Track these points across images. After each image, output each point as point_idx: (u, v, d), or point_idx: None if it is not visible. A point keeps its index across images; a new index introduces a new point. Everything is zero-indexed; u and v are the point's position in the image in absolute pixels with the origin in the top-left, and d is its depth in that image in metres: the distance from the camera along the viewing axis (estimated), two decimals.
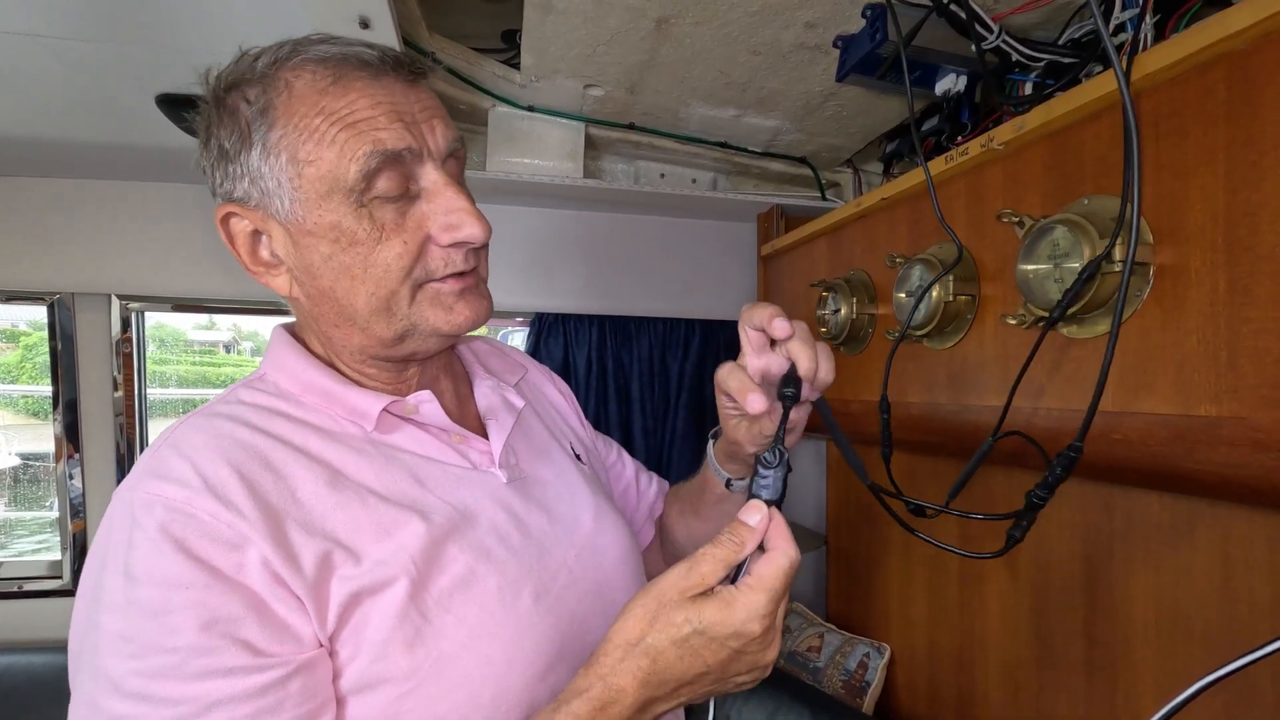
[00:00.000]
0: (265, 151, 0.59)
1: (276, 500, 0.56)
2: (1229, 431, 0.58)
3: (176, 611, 0.50)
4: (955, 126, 1.10)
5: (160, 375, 3.84)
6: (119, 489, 0.56)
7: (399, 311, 0.62)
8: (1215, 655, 0.74)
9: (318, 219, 0.59)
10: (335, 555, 0.56)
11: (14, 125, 1.24)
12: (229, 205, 0.62)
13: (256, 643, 0.51)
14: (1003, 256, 0.86)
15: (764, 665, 0.55)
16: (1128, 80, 0.56)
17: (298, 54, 0.59)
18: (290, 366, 0.66)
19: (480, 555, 0.62)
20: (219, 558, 0.52)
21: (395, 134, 0.58)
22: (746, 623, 0.51)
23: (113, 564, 0.52)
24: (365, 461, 0.62)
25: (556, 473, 0.76)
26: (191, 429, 0.59)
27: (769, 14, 0.99)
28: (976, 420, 0.91)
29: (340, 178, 0.57)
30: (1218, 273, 0.60)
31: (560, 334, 1.70)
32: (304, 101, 0.58)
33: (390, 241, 0.60)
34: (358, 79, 0.59)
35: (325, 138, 0.57)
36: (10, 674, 1.46)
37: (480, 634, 0.59)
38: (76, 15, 0.94)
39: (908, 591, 1.35)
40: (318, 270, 0.61)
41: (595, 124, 1.43)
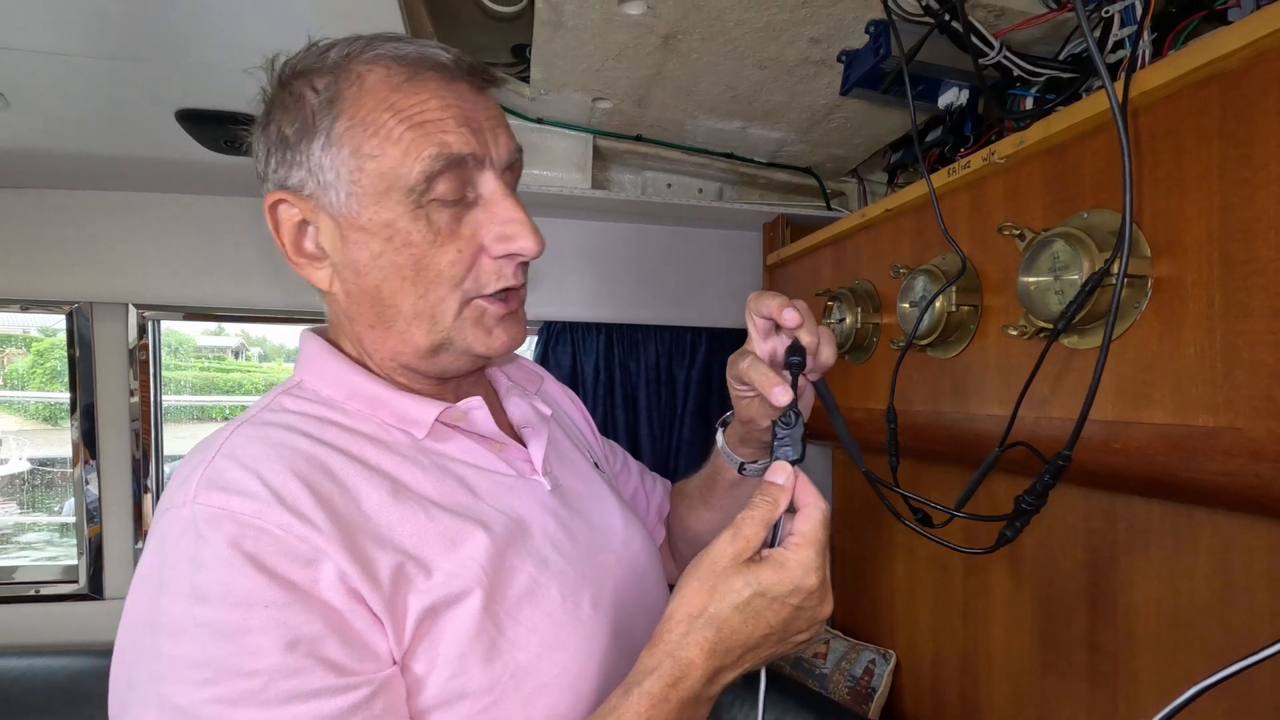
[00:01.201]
0: (328, 142, 0.57)
1: (345, 512, 0.54)
2: (1225, 442, 0.60)
3: (256, 632, 0.47)
4: (958, 139, 1.12)
5: (171, 382, 3.89)
6: (170, 504, 0.52)
7: (442, 322, 0.61)
8: (1216, 662, 0.75)
9: (372, 215, 0.58)
10: (408, 568, 0.54)
11: (39, 139, 1.28)
12: (281, 192, 0.60)
13: (341, 661, 0.49)
14: (1004, 268, 0.88)
15: (821, 619, 0.55)
16: (1124, 109, 0.58)
17: (372, 48, 0.58)
18: (332, 373, 0.64)
19: (540, 564, 0.61)
20: (295, 573, 0.49)
21: (462, 138, 0.57)
22: (803, 578, 0.52)
23: (174, 585, 0.49)
24: (420, 471, 0.60)
25: (584, 481, 0.76)
26: (245, 439, 0.56)
27: (774, 30, 1.01)
28: (979, 429, 0.92)
29: (401, 176, 0.56)
30: (1213, 286, 0.61)
31: (568, 342, 1.72)
32: (374, 96, 0.57)
33: (445, 247, 0.59)
34: (431, 79, 0.58)
35: (392, 135, 0.56)
36: (27, 677, 1.48)
37: (551, 643, 0.58)
38: (100, 34, 0.97)
39: (913, 598, 1.35)
40: (364, 268, 0.59)
41: (603, 136, 1.45)
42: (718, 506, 0.90)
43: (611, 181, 1.62)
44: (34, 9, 0.90)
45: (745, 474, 0.85)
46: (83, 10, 0.91)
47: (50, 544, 3.71)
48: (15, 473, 5.67)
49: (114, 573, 1.71)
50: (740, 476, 0.85)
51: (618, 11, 0.98)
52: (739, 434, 0.81)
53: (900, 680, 1.39)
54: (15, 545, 3.87)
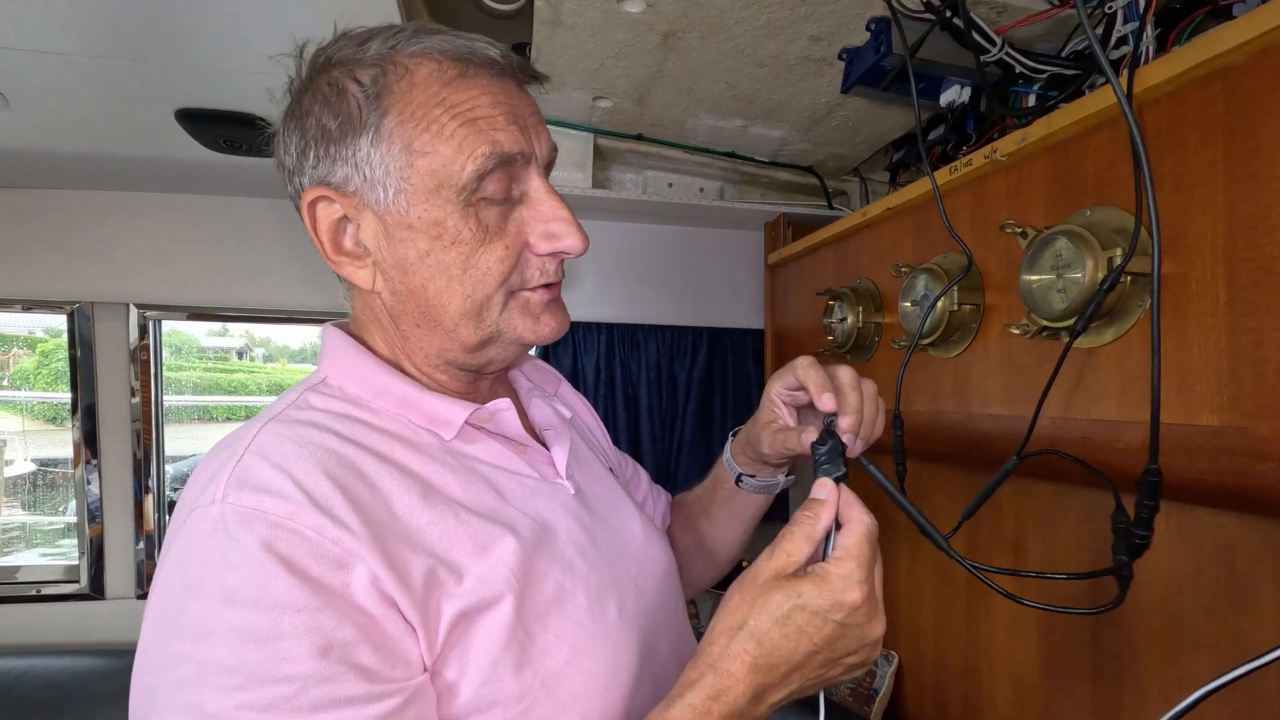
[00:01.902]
0: (377, 137, 0.56)
1: (377, 514, 0.52)
2: (1229, 441, 0.59)
3: (289, 637, 0.45)
4: (961, 136, 1.11)
5: (175, 382, 3.91)
6: (197, 503, 0.50)
7: (489, 317, 0.60)
8: (1222, 664, 0.74)
9: (421, 213, 0.57)
10: (439, 572, 0.53)
11: (39, 140, 1.28)
12: (322, 189, 0.58)
13: (373, 668, 0.48)
14: (1006, 266, 0.87)
15: (872, 641, 0.53)
16: (1130, 100, 0.57)
17: (417, 41, 0.57)
18: (358, 371, 0.62)
19: (565, 569, 0.60)
20: (329, 576, 0.48)
21: (512, 136, 0.57)
22: (844, 591, 0.51)
23: (201, 587, 0.47)
24: (449, 473, 0.59)
25: (603, 485, 0.75)
26: (274, 437, 0.54)
27: (774, 28, 1.01)
28: (983, 428, 0.92)
29: (453, 174, 0.56)
30: (1218, 284, 0.61)
31: (569, 341, 1.72)
32: (425, 91, 0.56)
33: (493, 245, 0.58)
34: (483, 74, 0.57)
35: (444, 131, 0.55)
36: (29, 677, 1.48)
37: (580, 651, 0.57)
38: (101, 34, 0.97)
39: (915, 599, 1.35)
40: (411, 266, 0.58)
41: (604, 135, 1.45)
42: (715, 516, 0.90)
43: (612, 181, 1.62)
44: (35, 9, 0.90)
45: (742, 486, 0.85)
46: (83, 10, 0.91)
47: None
48: (20, 474, 5.69)
49: (115, 573, 1.71)
50: (736, 488, 0.85)
51: (617, 10, 0.97)
52: (744, 444, 0.81)
53: (902, 682, 1.38)
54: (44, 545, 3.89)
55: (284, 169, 0.62)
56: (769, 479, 0.84)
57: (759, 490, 0.85)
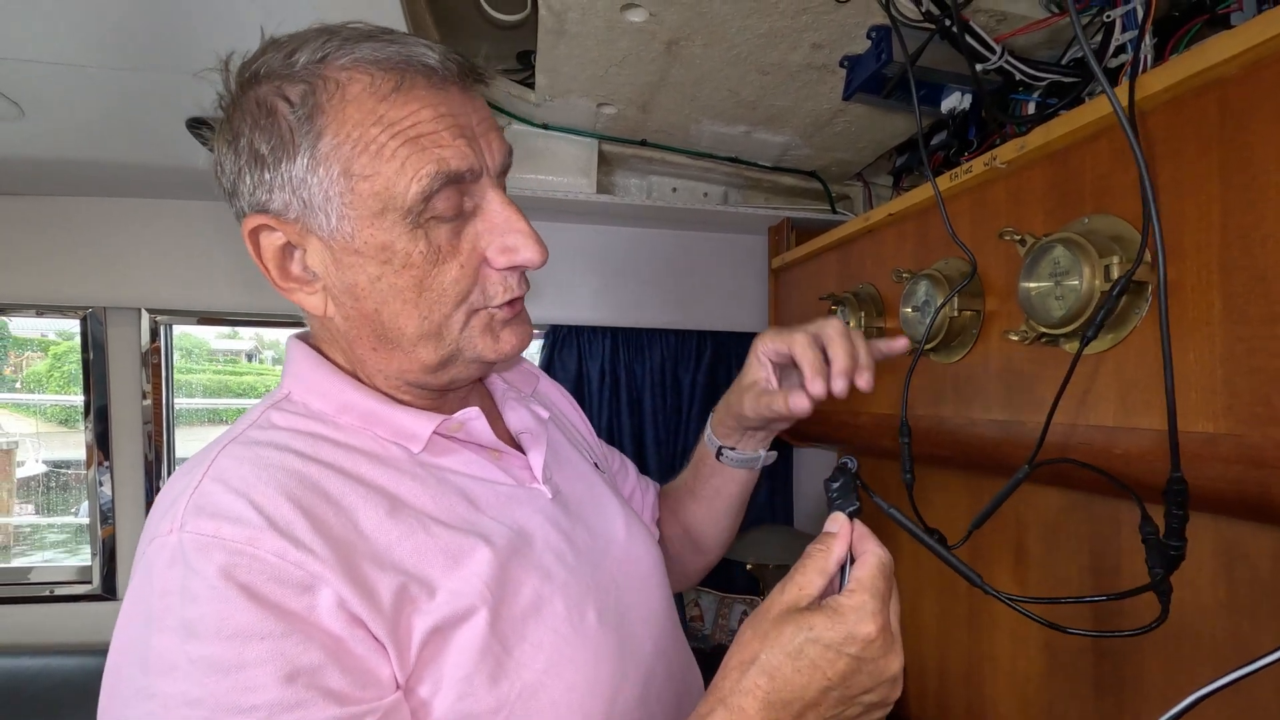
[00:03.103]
0: (313, 161, 0.53)
1: (342, 534, 0.51)
2: (1225, 448, 0.59)
3: (252, 666, 0.45)
4: (963, 143, 1.11)
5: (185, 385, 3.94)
6: (155, 533, 0.49)
7: (448, 337, 0.58)
8: (1222, 668, 0.75)
9: (368, 238, 0.54)
10: (410, 588, 0.52)
11: (53, 148, 1.30)
12: (261, 216, 0.55)
13: (343, 690, 0.47)
14: (1006, 273, 0.87)
15: (890, 678, 0.51)
16: (1131, 109, 0.58)
17: (347, 51, 0.53)
18: (321, 385, 0.60)
19: (543, 577, 0.59)
20: (292, 601, 0.47)
21: (459, 152, 0.53)
22: (858, 624, 0.49)
23: (162, 620, 0.46)
24: (419, 486, 0.58)
25: (586, 485, 0.74)
26: (233, 460, 0.52)
27: (776, 36, 1.02)
28: (983, 434, 0.92)
29: (397, 196, 0.52)
30: (1213, 292, 0.61)
31: (574, 346, 1.73)
32: (360, 108, 0.52)
33: (447, 265, 0.56)
34: (420, 85, 0.53)
35: (384, 152, 0.52)
36: (43, 676, 1.50)
37: (558, 660, 0.56)
38: (114, 45, 0.99)
39: (917, 603, 1.35)
40: (363, 292, 0.56)
41: (608, 141, 1.46)
42: (700, 496, 0.90)
43: (617, 186, 1.63)
44: (51, 21, 0.92)
45: (723, 461, 0.85)
46: (98, 22, 0.93)
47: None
48: (32, 475, 5.75)
49: (127, 573, 1.73)
50: (718, 464, 0.86)
51: (620, 18, 0.99)
52: (726, 408, 0.82)
53: (905, 687, 1.38)
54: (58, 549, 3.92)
55: (222, 190, 0.59)
56: (749, 453, 0.84)
57: (740, 465, 0.85)
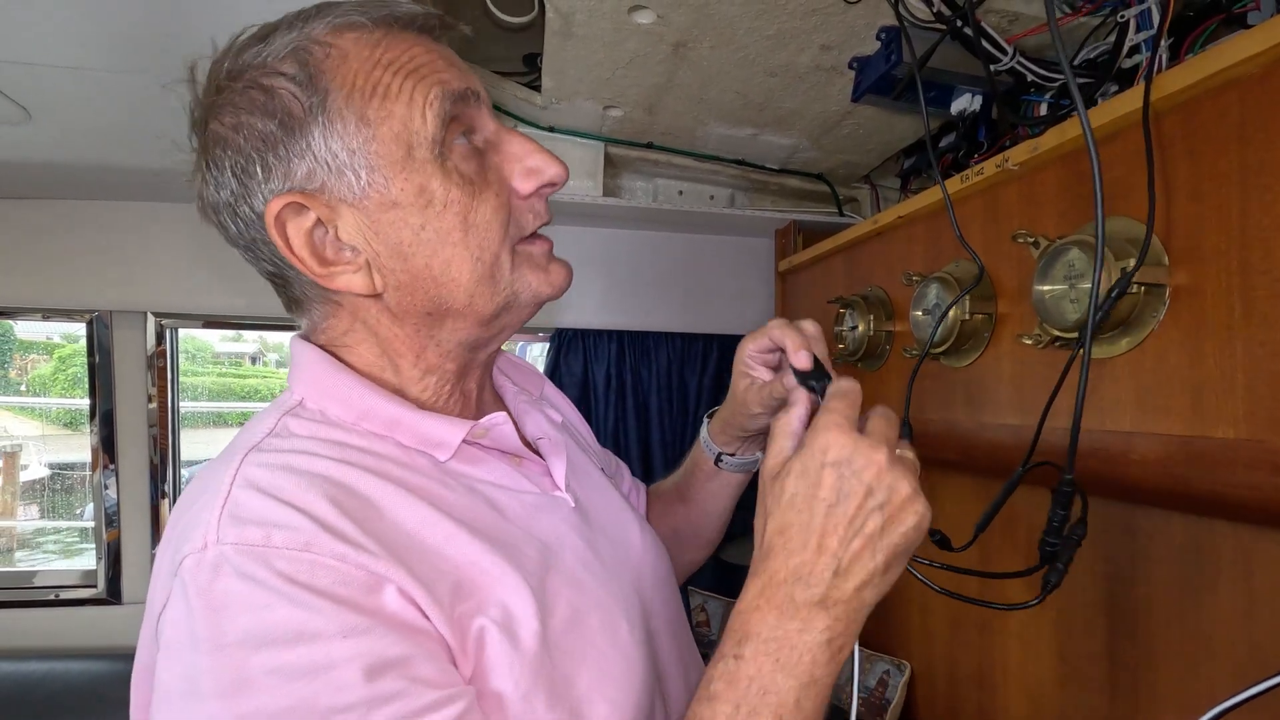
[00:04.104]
0: (328, 121, 0.51)
1: (391, 536, 0.49)
2: (1246, 454, 0.58)
3: (341, 665, 0.42)
4: (972, 144, 1.11)
5: (190, 388, 3.95)
6: (187, 550, 0.45)
7: (502, 278, 0.57)
8: (1241, 679, 0.73)
9: (403, 185, 0.53)
10: (464, 586, 0.50)
11: (59, 152, 1.30)
12: (286, 196, 0.52)
13: (434, 677, 0.45)
14: (1019, 276, 0.86)
15: (890, 484, 0.49)
16: (1146, 109, 0.57)
17: (323, 18, 0.53)
18: (339, 391, 0.57)
19: (576, 589, 0.57)
20: (362, 599, 0.45)
21: (457, 76, 0.55)
22: (823, 435, 0.50)
23: (218, 639, 0.42)
24: (450, 494, 0.55)
25: (599, 491, 0.73)
26: (263, 468, 0.49)
27: (785, 37, 1.01)
28: (994, 438, 0.91)
29: (418, 131, 0.52)
30: (1233, 295, 0.60)
31: (580, 349, 1.72)
32: (359, 58, 0.52)
33: (484, 195, 0.55)
34: (403, 30, 0.55)
35: (391, 90, 0.52)
36: (48, 680, 1.50)
37: (600, 676, 0.54)
38: (120, 49, 0.99)
39: (928, 609, 1.34)
40: (409, 248, 0.54)
41: (614, 143, 1.46)
42: (693, 500, 0.89)
43: (623, 189, 1.63)
44: (58, 26, 0.92)
45: (721, 466, 0.84)
46: (105, 27, 0.92)
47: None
48: (36, 478, 5.77)
49: (132, 577, 1.73)
50: (715, 469, 0.85)
51: (628, 20, 0.98)
52: (725, 422, 0.81)
53: (915, 692, 1.37)
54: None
55: (218, 208, 0.56)
56: (748, 456, 0.84)
57: (739, 469, 0.85)
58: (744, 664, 0.48)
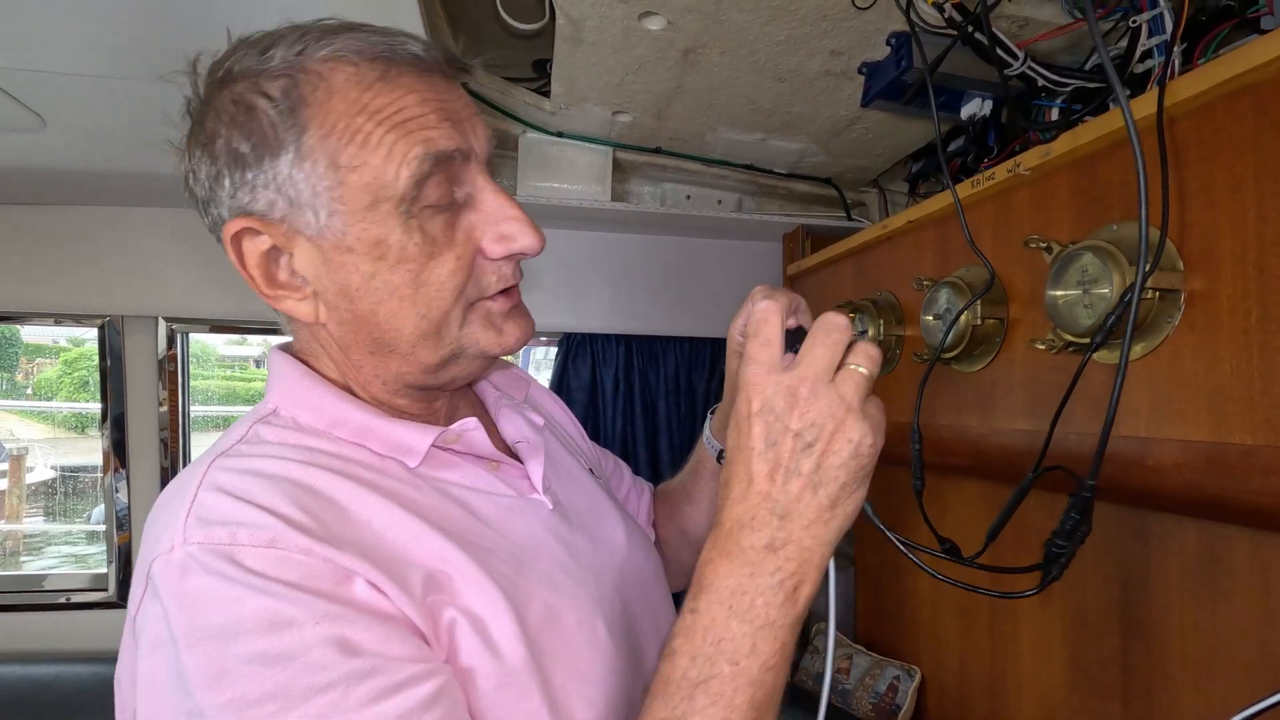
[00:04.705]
0: (299, 157, 0.51)
1: (358, 536, 0.50)
2: (1264, 460, 0.58)
3: (315, 647, 0.43)
4: (981, 149, 1.10)
5: (196, 391, 3.97)
6: (157, 553, 0.46)
7: (449, 335, 0.56)
8: (1258, 687, 0.73)
9: (360, 233, 0.52)
10: (437, 577, 0.51)
11: (72, 158, 1.31)
12: (246, 220, 0.53)
13: (410, 654, 0.46)
14: (1031, 281, 0.86)
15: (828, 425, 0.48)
16: (1160, 115, 0.57)
17: (327, 43, 0.52)
18: (310, 399, 0.58)
19: (552, 589, 0.57)
20: (329, 588, 0.46)
21: (446, 133, 0.53)
22: (750, 391, 0.49)
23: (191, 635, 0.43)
24: (421, 498, 0.56)
25: (582, 492, 0.74)
26: (229, 473, 0.50)
27: (795, 43, 1.01)
28: (1006, 444, 0.91)
29: (388, 185, 0.51)
30: (1250, 301, 0.60)
31: (588, 353, 1.72)
32: (345, 99, 0.51)
33: (443, 257, 0.54)
34: (406, 73, 0.53)
35: (370, 140, 0.51)
36: (59, 683, 1.51)
37: (575, 677, 0.55)
38: (133, 57, 0.99)
39: (938, 614, 1.33)
40: (357, 292, 0.54)
41: (623, 149, 1.46)
42: (698, 499, 0.89)
43: (631, 193, 1.63)
44: (72, 34, 0.92)
45: (722, 463, 0.83)
46: (119, 35, 0.93)
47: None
48: (41, 480, 5.79)
49: None
50: (719, 466, 0.83)
51: (638, 27, 0.98)
52: (725, 415, 0.80)
53: (925, 698, 1.37)
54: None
55: (195, 199, 0.57)
56: None
57: None
58: (699, 616, 0.48)
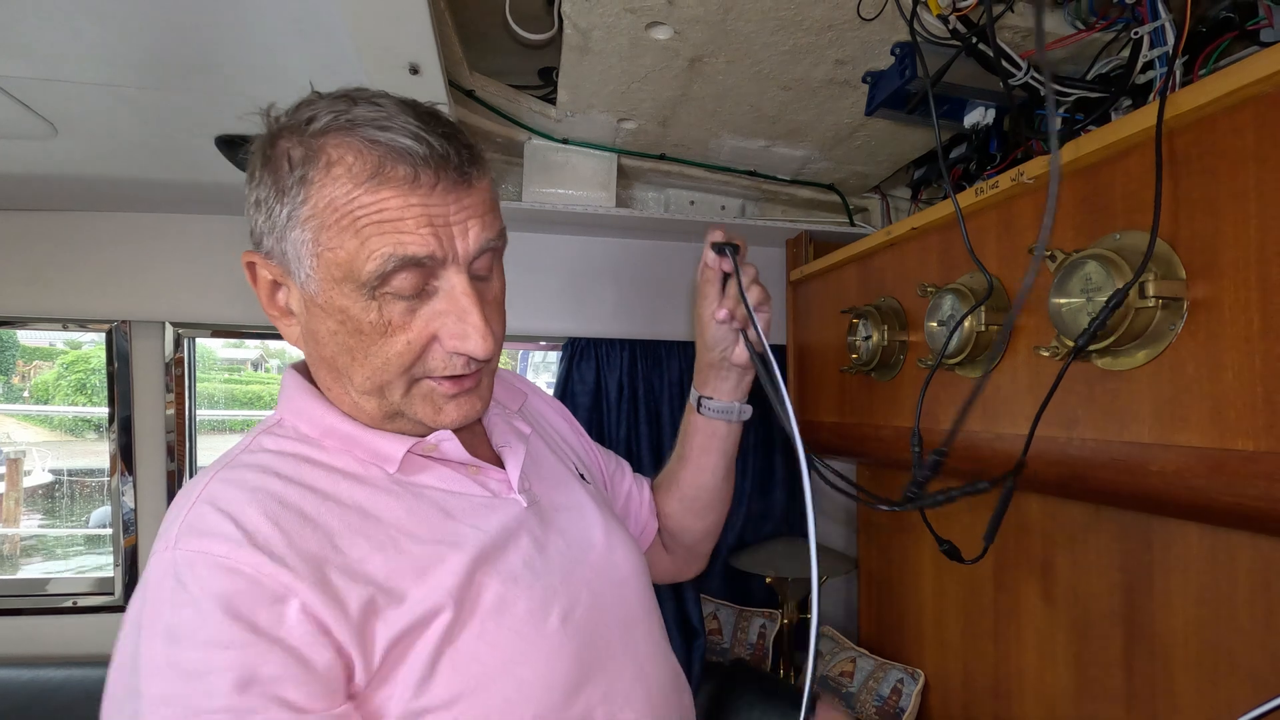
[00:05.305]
0: (294, 221, 0.59)
1: (316, 549, 0.57)
2: (1267, 466, 0.59)
3: (216, 672, 0.50)
4: (984, 157, 1.12)
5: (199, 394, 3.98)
6: (156, 549, 0.56)
7: (391, 398, 0.64)
8: (1261, 690, 0.74)
9: (329, 298, 0.60)
10: (378, 599, 0.57)
11: (83, 165, 1.32)
12: (255, 255, 0.64)
13: (296, 701, 0.52)
14: (1035, 288, 0.87)
15: None
16: (1159, 131, 0.58)
17: (348, 129, 0.58)
18: (307, 411, 0.67)
19: (509, 580, 0.64)
20: (261, 612, 0.52)
21: (419, 240, 0.58)
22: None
23: (151, 627, 0.52)
24: (395, 501, 0.63)
25: (565, 494, 0.79)
26: (222, 484, 0.59)
27: (800, 52, 1.02)
28: (1010, 449, 0.92)
29: (356, 270, 0.58)
30: (1251, 310, 0.61)
31: (592, 358, 1.73)
32: (337, 189, 0.57)
33: (394, 338, 0.61)
34: (398, 174, 0.57)
35: (349, 229, 0.57)
36: (67, 687, 1.51)
37: (515, 658, 0.61)
38: (145, 66, 1.00)
39: (941, 617, 1.34)
40: (323, 340, 0.63)
41: (627, 155, 1.47)
42: (688, 458, 0.97)
43: (635, 199, 1.64)
44: (85, 44, 0.93)
45: (702, 412, 0.92)
46: (131, 45, 0.94)
47: None
48: (38, 484, 5.76)
49: None
50: (701, 419, 0.93)
51: (645, 36, 1.00)
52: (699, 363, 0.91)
53: (929, 701, 1.37)
54: None
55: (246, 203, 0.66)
56: (725, 403, 0.91)
57: (718, 415, 0.92)
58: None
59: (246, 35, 0.94)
